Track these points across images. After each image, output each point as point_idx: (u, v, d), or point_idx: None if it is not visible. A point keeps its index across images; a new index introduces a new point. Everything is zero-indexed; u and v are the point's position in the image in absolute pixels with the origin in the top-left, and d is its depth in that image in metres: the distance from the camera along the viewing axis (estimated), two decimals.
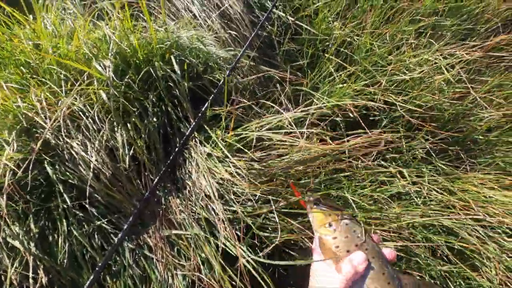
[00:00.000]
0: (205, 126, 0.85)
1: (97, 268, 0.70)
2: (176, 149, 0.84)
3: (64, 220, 0.75)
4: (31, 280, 0.66)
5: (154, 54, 0.90)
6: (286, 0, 1.12)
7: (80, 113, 0.79)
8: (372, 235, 0.57)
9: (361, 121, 0.89)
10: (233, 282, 0.70)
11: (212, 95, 0.90)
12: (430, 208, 0.83)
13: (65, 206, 0.76)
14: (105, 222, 0.77)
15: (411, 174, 0.92)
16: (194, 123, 0.86)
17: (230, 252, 0.73)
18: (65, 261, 0.72)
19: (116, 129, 0.80)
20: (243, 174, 0.72)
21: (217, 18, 1.08)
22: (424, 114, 1.00)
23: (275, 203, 0.74)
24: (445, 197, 0.84)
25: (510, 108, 1.03)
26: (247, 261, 0.70)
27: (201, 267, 0.74)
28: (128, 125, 0.83)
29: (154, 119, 0.86)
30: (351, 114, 0.92)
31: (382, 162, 1.00)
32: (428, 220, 0.83)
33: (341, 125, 0.98)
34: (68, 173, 0.76)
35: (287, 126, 0.86)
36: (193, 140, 0.85)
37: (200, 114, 0.87)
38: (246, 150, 0.77)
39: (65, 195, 0.73)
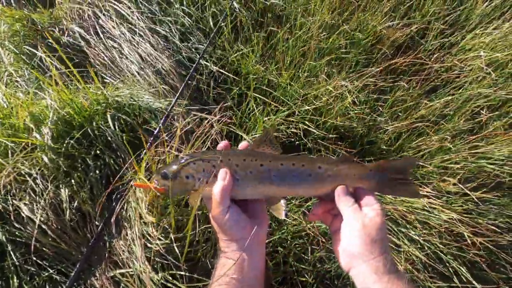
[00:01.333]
0: (139, 174, 0.97)
1: None
2: (119, 195, 0.94)
3: (15, 277, 0.82)
4: None
5: (94, 114, 1.03)
6: (212, 52, 1.30)
7: (27, 176, 0.90)
8: (221, 145, 0.65)
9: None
10: None
11: (149, 143, 1.03)
12: None
13: (16, 263, 0.84)
14: (54, 273, 0.85)
15: None
16: (131, 172, 0.98)
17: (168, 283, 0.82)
18: None
19: (60, 186, 0.91)
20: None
21: (152, 74, 1.24)
22: (339, 133, 1.16)
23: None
24: None
25: (410, 119, 1.21)
26: None
27: None
28: (72, 180, 0.93)
29: (97, 172, 0.97)
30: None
31: None
32: None
33: None
34: (17, 233, 0.85)
35: None
36: (132, 186, 0.96)
37: (138, 162, 0.99)
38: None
39: (12, 254, 0.81)
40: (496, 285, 0.92)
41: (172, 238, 0.78)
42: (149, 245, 0.83)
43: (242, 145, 0.67)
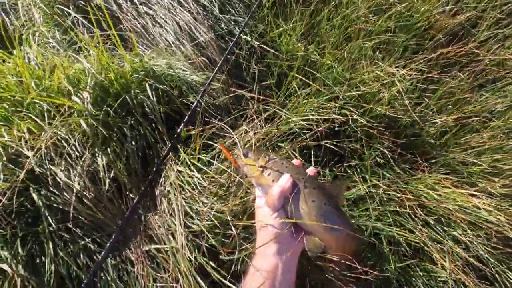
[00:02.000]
0: (179, 147, 0.93)
1: (82, 286, 0.76)
2: (154, 169, 0.91)
3: (50, 242, 0.81)
4: None
5: (131, 82, 0.99)
6: (252, 26, 1.22)
7: (63, 141, 0.86)
8: (295, 161, 0.70)
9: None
10: None
11: (186, 117, 0.98)
12: (386, 209, 0.92)
13: (51, 229, 0.82)
14: (90, 242, 0.83)
15: (372, 179, 1.01)
16: (169, 145, 0.94)
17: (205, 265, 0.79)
18: (52, 281, 0.78)
19: (97, 154, 0.87)
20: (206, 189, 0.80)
21: (189, 45, 1.17)
22: (383, 123, 1.10)
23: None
24: (400, 196, 0.93)
25: (459, 113, 1.13)
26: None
27: (180, 278, 0.79)
28: (108, 149, 0.90)
29: (133, 143, 0.93)
30: (315, 127, 1.01)
31: (347, 170, 1.09)
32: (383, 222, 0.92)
33: (307, 138, 1.07)
34: (52, 198, 0.82)
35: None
36: (170, 159, 0.92)
37: (175, 136, 0.95)
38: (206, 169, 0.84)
39: (50, 219, 0.79)
40: None
41: (230, 223, 0.74)
42: (188, 224, 0.80)
43: (311, 170, 0.71)
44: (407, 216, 0.94)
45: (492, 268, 0.90)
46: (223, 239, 0.79)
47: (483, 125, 1.14)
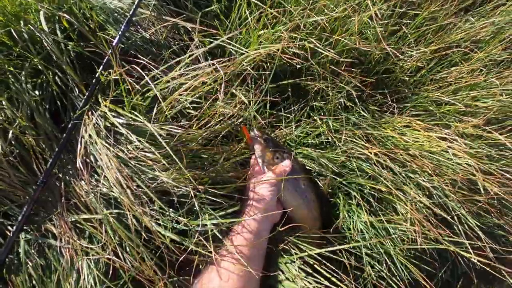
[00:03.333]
0: (99, 96, 0.74)
1: None
2: (69, 125, 0.73)
3: None
4: None
5: (23, 10, 0.74)
6: None
7: None
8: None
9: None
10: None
11: (106, 57, 0.77)
12: (350, 156, 0.83)
13: None
14: None
15: (335, 123, 0.89)
16: (87, 94, 0.75)
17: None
18: None
19: None
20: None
21: None
22: (351, 57, 0.94)
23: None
24: (365, 143, 0.83)
25: (439, 43, 0.98)
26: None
27: (117, 248, 0.70)
28: (4, 103, 0.70)
29: (36, 92, 0.74)
30: (272, 65, 0.84)
31: (310, 113, 0.96)
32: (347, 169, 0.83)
33: (263, 77, 0.90)
34: None
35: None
36: (89, 112, 0.74)
37: (93, 82, 0.75)
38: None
39: None
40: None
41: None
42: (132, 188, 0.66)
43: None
44: (372, 164, 0.85)
45: (453, 212, 0.86)
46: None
47: (463, 57, 1.00)
